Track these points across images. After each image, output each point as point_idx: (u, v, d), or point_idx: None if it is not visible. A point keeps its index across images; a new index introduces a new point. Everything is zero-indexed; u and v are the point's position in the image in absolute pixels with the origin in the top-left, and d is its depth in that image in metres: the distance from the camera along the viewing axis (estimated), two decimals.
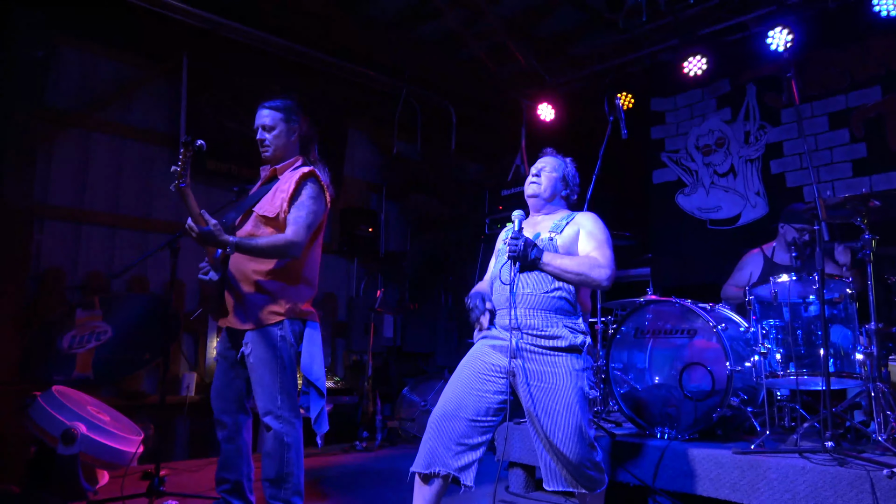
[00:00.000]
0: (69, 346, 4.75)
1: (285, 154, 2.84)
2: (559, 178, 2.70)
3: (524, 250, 2.38)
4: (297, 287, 2.74)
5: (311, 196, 2.72)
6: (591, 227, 2.56)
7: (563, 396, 2.30)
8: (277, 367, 2.64)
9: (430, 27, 6.56)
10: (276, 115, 2.80)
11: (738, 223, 5.44)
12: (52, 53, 4.93)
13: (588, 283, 2.41)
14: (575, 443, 2.27)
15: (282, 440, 2.61)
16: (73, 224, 5.02)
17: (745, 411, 3.21)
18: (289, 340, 2.68)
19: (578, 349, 2.39)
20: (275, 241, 2.62)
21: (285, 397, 2.63)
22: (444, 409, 2.37)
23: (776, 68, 5.19)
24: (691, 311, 3.36)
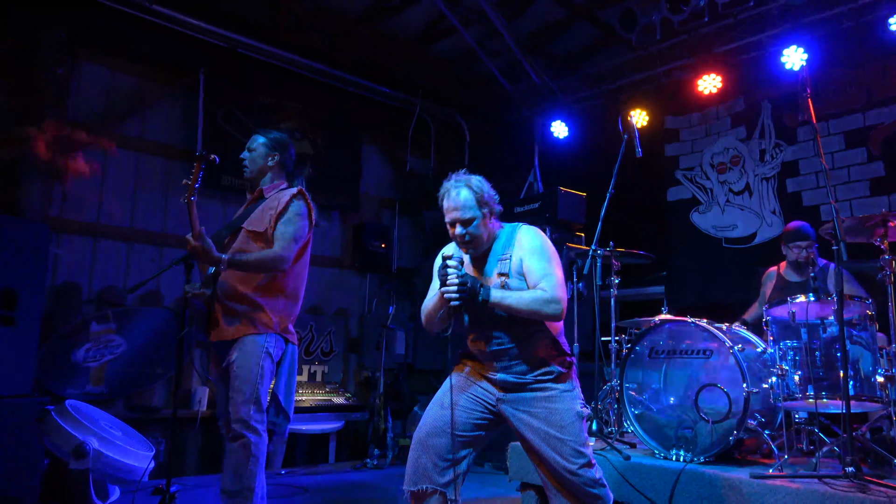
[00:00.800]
0: (83, 359, 4.78)
1: (262, 175, 3.01)
2: (481, 217, 2.34)
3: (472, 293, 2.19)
4: (283, 301, 2.84)
5: (298, 213, 2.86)
6: (531, 245, 2.35)
7: (556, 420, 2.30)
8: (256, 377, 2.67)
9: (444, 45, 6.62)
10: (259, 140, 3.02)
11: (753, 242, 5.38)
12: (73, 70, 5.01)
13: (540, 318, 2.28)
14: (574, 464, 2.26)
15: (249, 451, 2.61)
16: (89, 238, 5.07)
17: (763, 434, 3.15)
18: (272, 354, 2.75)
19: (564, 375, 2.38)
20: (263, 256, 2.74)
21: (258, 408, 2.67)
22: (430, 426, 2.37)
23: (791, 87, 5.15)
24: (707, 330, 3.31)
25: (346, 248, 6.64)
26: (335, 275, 6.60)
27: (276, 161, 3.02)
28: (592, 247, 3.80)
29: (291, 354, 2.86)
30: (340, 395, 5.87)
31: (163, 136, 5.54)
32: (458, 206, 2.33)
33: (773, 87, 5.32)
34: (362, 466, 5.18)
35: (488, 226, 2.37)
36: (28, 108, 4.73)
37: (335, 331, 6.34)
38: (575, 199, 5.39)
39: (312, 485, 4.47)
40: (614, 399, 3.89)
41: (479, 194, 2.34)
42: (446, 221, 2.39)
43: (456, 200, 2.33)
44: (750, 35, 5.19)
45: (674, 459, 3.23)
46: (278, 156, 3.02)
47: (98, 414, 3.53)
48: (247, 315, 2.76)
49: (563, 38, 6.53)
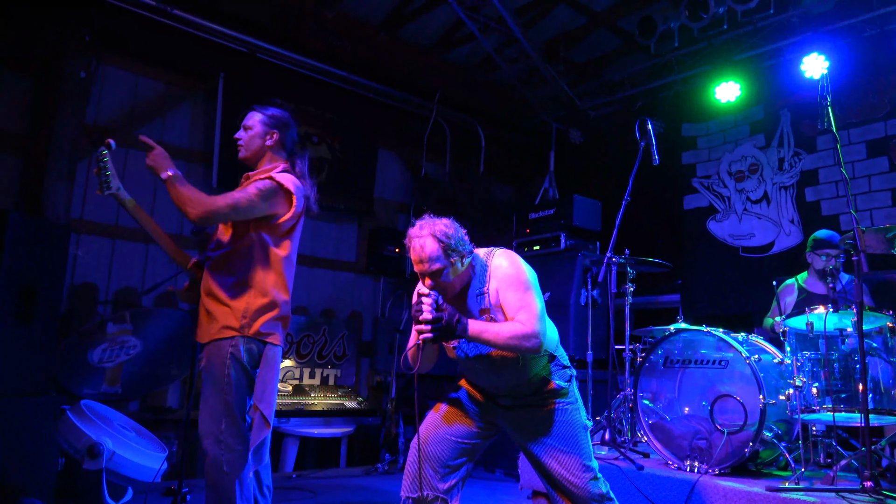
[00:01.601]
0: (99, 359, 4.83)
1: (258, 157, 2.71)
2: (449, 265, 2.21)
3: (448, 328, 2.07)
4: (256, 300, 2.50)
5: (259, 187, 2.51)
6: (505, 275, 2.24)
7: (560, 433, 2.27)
8: (223, 387, 2.40)
9: (462, 51, 6.63)
10: (256, 117, 2.72)
11: (771, 251, 5.32)
12: (95, 72, 5.08)
13: (519, 352, 2.17)
14: (580, 478, 2.24)
15: (220, 468, 2.34)
16: (108, 239, 5.13)
17: (779, 446, 3.10)
18: (240, 359, 2.44)
19: (566, 390, 2.35)
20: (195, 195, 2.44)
21: (230, 421, 2.38)
22: (431, 433, 2.35)
23: (811, 95, 5.10)
24: (723, 340, 3.28)
25: (360, 252, 6.66)
26: (349, 278, 6.62)
27: (276, 140, 2.70)
28: (608, 254, 3.78)
29: (269, 356, 2.50)
30: (353, 400, 5.88)
31: (182, 140, 5.60)
32: (423, 258, 2.19)
33: (792, 95, 5.27)
34: (373, 471, 5.18)
35: (459, 270, 2.23)
36: (51, 109, 4.80)
37: (348, 334, 6.35)
38: (591, 205, 5.38)
39: (322, 488, 4.48)
40: (628, 408, 3.86)
41: (446, 243, 2.18)
42: (415, 271, 2.26)
43: (421, 253, 2.19)
44: (769, 43, 5.15)
45: (688, 470, 3.20)
46: (278, 134, 2.70)
47: (112, 414, 3.56)
48: (216, 316, 2.50)
49: (582, 45, 6.51)
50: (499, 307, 2.24)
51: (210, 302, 2.54)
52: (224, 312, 2.49)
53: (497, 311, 2.24)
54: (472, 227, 6.85)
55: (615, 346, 3.93)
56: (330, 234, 6.50)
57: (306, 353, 6.07)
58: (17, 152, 4.82)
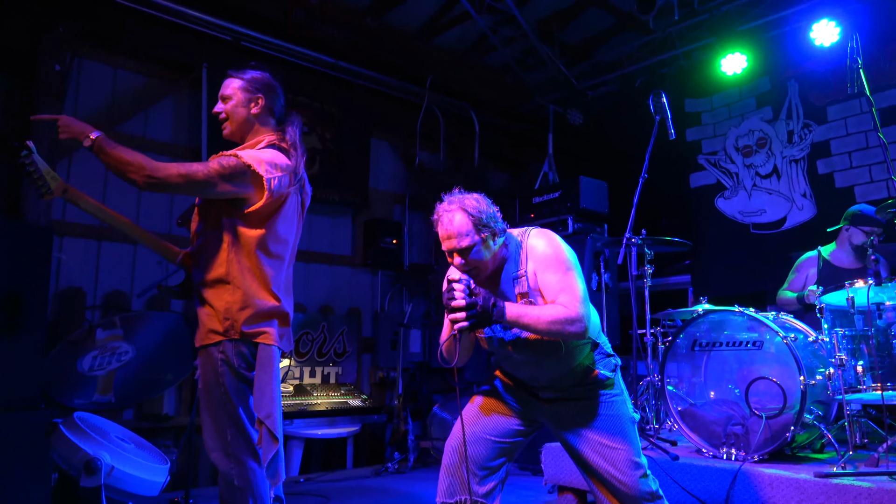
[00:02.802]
0: (90, 368, 4.59)
1: (246, 130, 2.37)
2: (480, 241, 2.02)
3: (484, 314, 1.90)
4: (235, 298, 2.20)
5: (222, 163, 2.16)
6: (542, 255, 2.05)
7: (607, 428, 2.10)
8: (221, 396, 2.17)
9: (451, 34, 6.42)
10: (235, 83, 2.36)
11: (783, 227, 5.18)
12: (71, 66, 4.81)
13: (562, 338, 2.00)
14: (629, 476, 2.06)
15: (231, 483, 2.14)
16: (93, 241, 4.88)
17: (821, 429, 2.95)
18: (231, 364, 2.17)
19: (612, 380, 2.17)
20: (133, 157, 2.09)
21: (234, 431, 2.15)
22: (469, 431, 2.15)
23: (820, 63, 4.95)
24: (755, 319, 3.11)
25: (356, 245, 6.45)
26: (346, 273, 6.41)
27: (262, 105, 2.34)
28: (627, 234, 3.60)
29: (263, 357, 2.21)
30: (356, 398, 5.68)
31: (167, 135, 5.34)
32: (451, 233, 2.01)
33: (800, 65, 5.12)
34: (383, 471, 4.99)
35: (491, 248, 2.04)
36: (27, 106, 4.53)
37: (348, 330, 6.14)
38: (597, 187, 5.20)
39: (334, 492, 4.28)
40: (652, 395, 3.70)
41: (476, 217, 2.00)
42: (444, 250, 2.06)
43: (450, 227, 2.01)
44: (775, 11, 4.98)
45: (724, 458, 3.03)
46: (263, 98, 2.35)
47: (108, 426, 3.34)
48: (201, 319, 2.24)
49: (576, 24, 6.32)
50: (537, 291, 2.04)
51: (198, 301, 2.27)
52: (207, 314, 2.22)
53: (536, 296, 2.04)
54: None
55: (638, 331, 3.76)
56: (324, 227, 6.28)
57: (305, 351, 5.86)
58: None
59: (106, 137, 2.09)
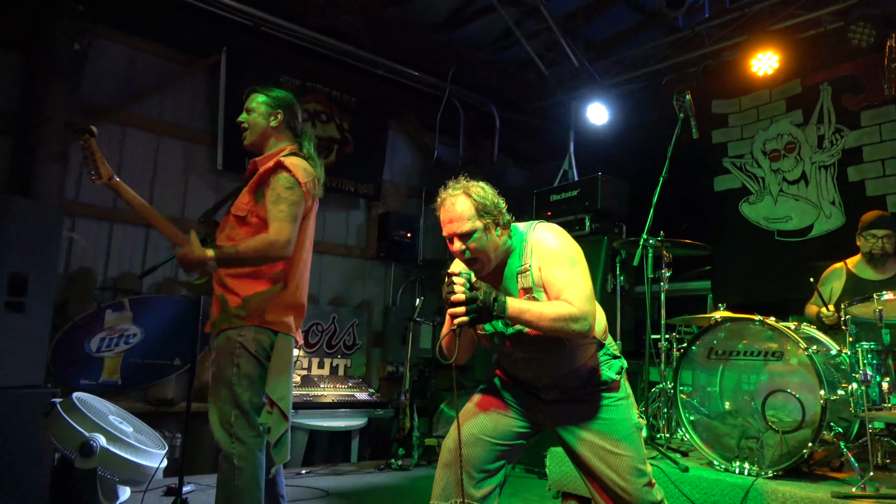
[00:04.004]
0: (97, 349, 4.58)
1: (265, 140, 2.58)
2: (482, 228, 1.94)
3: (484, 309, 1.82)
4: (265, 290, 2.39)
5: (287, 186, 2.39)
6: (548, 249, 1.98)
7: (610, 433, 1.99)
8: (231, 378, 2.30)
9: (473, 27, 6.30)
10: (259, 98, 2.59)
11: (809, 234, 4.99)
12: (89, 46, 4.79)
13: (564, 336, 1.90)
14: (632, 484, 1.95)
15: (231, 462, 2.24)
16: (105, 223, 4.86)
17: (839, 446, 2.81)
18: (249, 349, 2.33)
19: (617, 381, 2.07)
20: (254, 245, 2.31)
21: (238, 412, 2.28)
22: (465, 433, 2.06)
23: (856, 67, 4.76)
24: (775, 329, 2.98)
25: (370, 237, 6.38)
26: (358, 265, 6.34)
27: (281, 121, 2.56)
28: (644, 236, 3.47)
29: (281, 346, 2.39)
30: (363, 391, 5.61)
31: (183, 118, 5.31)
32: (453, 216, 1.95)
33: (833, 67, 4.92)
34: (386, 467, 4.91)
35: (494, 238, 1.97)
36: (42, 85, 4.51)
37: (358, 323, 6.08)
38: (617, 186, 5.06)
39: (334, 487, 4.22)
40: (664, 402, 3.57)
41: (480, 203, 1.95)
42: (444, 235, 2.01)
43: (451, 211, 1.96)
44: (809, 11, 4.79)
45: (736, 472, 2.91)
46: (282, 115, 2.56)
47: (108, 407, 3.30)
48: (224, 305, 2.39)
49: (600, 20, 6.17)
50: (542, 287, 1.95)
51: (221, 291, 2.43)
52: (233, 301, 2.38)
53: (540, 291, 1.95)
54: None
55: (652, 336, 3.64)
56: (338, 218, 6.22)
57: (315, 342, 5.81)
58: (7, 132, 4.53)
59: (219, 250, 2.34)
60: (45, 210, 3.88)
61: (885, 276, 3.64)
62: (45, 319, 3.69)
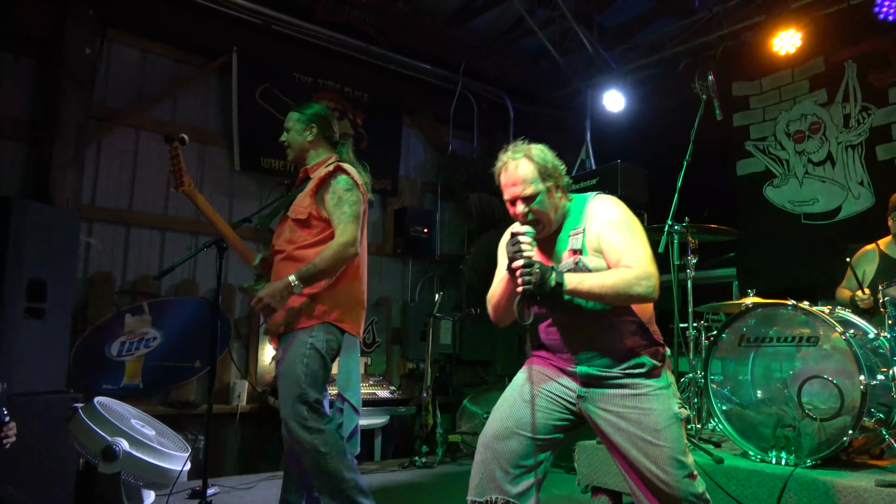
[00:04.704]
0: (118, 353, 4.58)
1: (305, 154, 2.80)
2: (545, 191, 1.97)
3: (541, 280, 1.82)
4: (333, 290, 2.57)
5: (346, 188, 2.60)
6: (610, 217, 1.98)
7: (650, 422, 1.91)
8: (302, 376, 2.46)
9: (486, 18, 6.22)
10: (294, 116, 2.80)
11: (837, 217, 4.85)
12: (101, 50, 4.78)
13: (630, 301, 1.92)
14: (672, 476, 1.87)
15: (317, 450, 2.43)
16: (121, 226, 4.85)
17: (881, 433, 2.70)
18: (319, 349, 2.50)
19: (658, 368, 2.00)
20: (329, 253, 2.48)
21: (309, 407, 2.46)
22: (499, 427, 2.01)
23: (883, 42, 4.61)
24: (810, 314, 2.87)
25: (386, 233, 6.33)
26: (376, 262, 6.29)
27: (316, 134, 2.78)
28: (669, 222, 3.38)
29: (348, 346, 2.60)
30: (385, 389, 5.56)
31: (197, 120, 5.29)
32: (516, 180, 1.97)
33: (859, 43, 4.77)
34: (410, 465, 4.86)
35: (555, 201, 2.00)
36: (55, 90, 4.51)
37: (377, 321, 6.03)
38: (637, 173, 4.96)
39: None
40: (694, 393, 3.48)
41: (542, 165, 1.98)
42: (505, 199, 2.03)
43: (514, 174, 1.98)
44: None
45: (773, 462, 2.81)
46: (317, 128, 2.78)
47: (129, 411, 3.28)
48: (294, 308, 2.54)
49: (615, 6, 6.06)
50: (596, 252, 1.95)
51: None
52: (302, 302, 2.53)
53: (588, 256, 1.95)
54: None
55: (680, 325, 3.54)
56: None
57: None
58: (22, 138, 4.54)
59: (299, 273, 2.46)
60: (62, 215, 3.88)
61: None
62: (64, 325, 3.69)
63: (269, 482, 4.13)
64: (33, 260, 3.43)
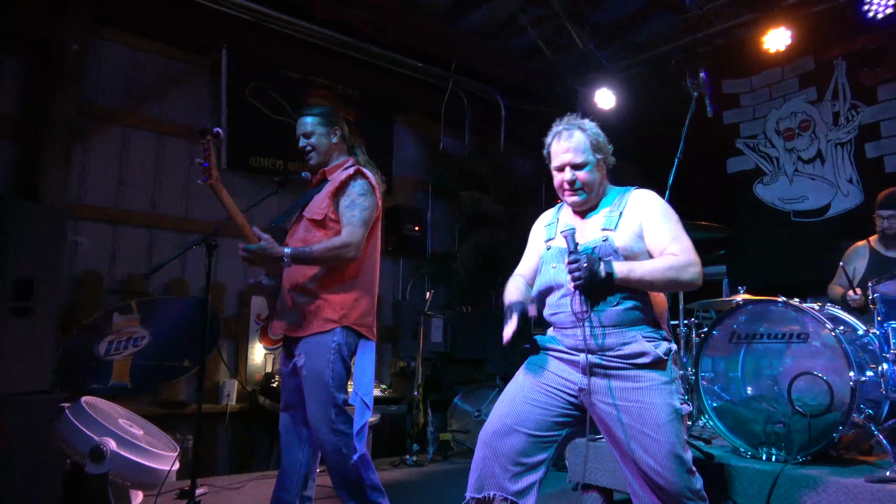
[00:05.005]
0: (106, 352, 4.53)
1: (328, 157, 2.81)
2: (594, 162, 2.09)
3: (591, 273, 1.89)
4: (351, 293, 2.62)
5: (361, 193, 2.63)
6: (655, 211, 2.06)
7: (650, 416, 1.91)
8: (330, 380, 2.53)
9: (478, 16, 6.20)
10: (313, 121, 2.79)
11: (827, 214, 4.88)
12: (91, 47, 4.73)
13: (679, 288, 2.07)
14: (671, 471, 1.87)
15: (341, 452, 2.52)
16: (109, 225, 4.81)
17: (871, 430, 2.71)
18: (341, 351, 2.57)
19: (663, 362, 1.99)
20: (329, 245, 2.52)
21: (338, 410, 2.54)
22: (499, 424, 2.01)
23: (872, 40, 4.64)
24: (800, 311, 2.88)
25: None
26: None
27: (339, 134, 2.80)
28: None
29: (364, 348, 2.66)
30: (376, 387, 5.54)
31: (186, 117, 5.24)
32: (569, 147, 2.09)
33: (848, 42, 4.79)
34: (401, 464, 4.85)
35: (601, 176, 2.12)
36: (44, 87, 4.46)
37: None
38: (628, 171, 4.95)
39: None
40: (685, 390, 3.48)
41: (595, 138, 2.11)
42: (553, 167, 2.15)
43: (568, 141, 2.09)
44: None
45: (763, 459, 2.82)
46: (339, 129, 2.80)
47: (117, 411, 3.24)
48: (312, 311, 2.59)
49: (606, 3, 6.06)
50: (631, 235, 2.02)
51: (302, 296, 2.61)
52: (321, 306, 2.58)
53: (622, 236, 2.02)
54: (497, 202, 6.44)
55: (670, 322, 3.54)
56: None
57: None
58: (11, 135, 4.48)
59: (295, 249, 2.48)
60: (50, 213, 3.83)
61: None
62: (51, 324, 3.65)
63: (259, 482, 4.10)
64: (20, 259, 3.39)
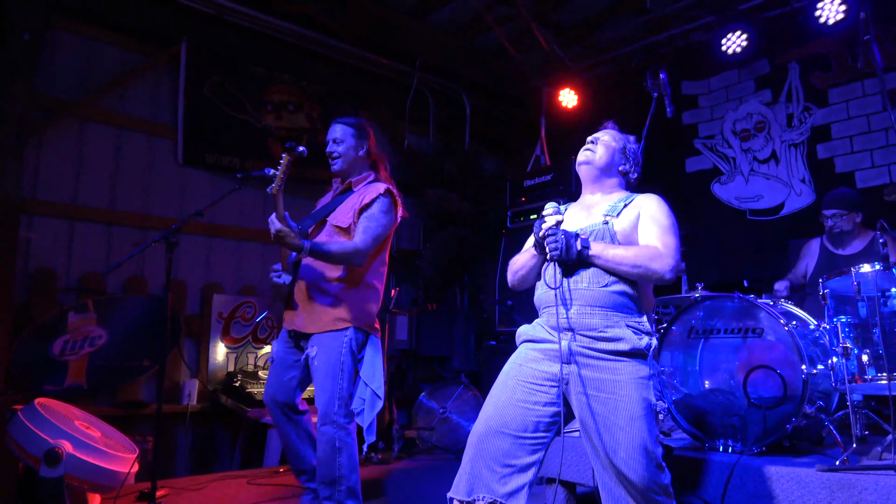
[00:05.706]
0: (61, 352, 4.41)
1: (353, 168, 2.98)
2: (619, 149, 2.37)
3: (566, 247, 2.03)
4: (363, 294, 2.85)
5: (384, 210, 2.83)
6: (654, 210, 2.20)
7: (625, 409, 1.94)
8: (338, 374, 2.72)
9: (444, 13, 6.20)
10: (347, 130, 2.96)
11: (781, 213, 5.03)
12: (43, 36, 4.58)
13: (648, 276, 2.06)
14: (640, 463, 1.91)
15: (333, 445, 2.70)
16: (65, 221, 4.67)
17: (822, 421, 2.81)
18: (352, 349, 2.77)
19: (643, 353, 2.03)
20: (344, 247, 2.73)
21: (341, 403, 2.72)
22: (486, 425, 2.02)
23: (824, 44, 4.79)
24: (755, 306, 2.97)
25: None
26: None
27: (366, 150, 2.99)
28: None
29: (373, 345, 2.89)
30: None
31: (145, 111, 5.12)
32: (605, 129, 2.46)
33: (802, 46, 4.95)
34: (366, 461, 4.83)
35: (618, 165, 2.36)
36: None
37: None
38: None
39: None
40: None
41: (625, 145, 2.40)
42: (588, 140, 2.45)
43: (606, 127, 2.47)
44: None
45: (721, 450, 2.90)
46: (366, 144, 2.99)
47: (73, 413, 3.16)
48: (327, 309, 2.79)
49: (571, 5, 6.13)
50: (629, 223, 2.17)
51: (317, 294, 2.81)
52: (335, 305, 2.79)
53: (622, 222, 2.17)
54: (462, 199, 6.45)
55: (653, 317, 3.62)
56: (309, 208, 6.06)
57: None
58: None
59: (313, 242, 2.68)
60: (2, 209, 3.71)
61: (854, 252, 3.68)
62: (3, 323, 3.54)
63: (221, 482, 4.04)
64: None
